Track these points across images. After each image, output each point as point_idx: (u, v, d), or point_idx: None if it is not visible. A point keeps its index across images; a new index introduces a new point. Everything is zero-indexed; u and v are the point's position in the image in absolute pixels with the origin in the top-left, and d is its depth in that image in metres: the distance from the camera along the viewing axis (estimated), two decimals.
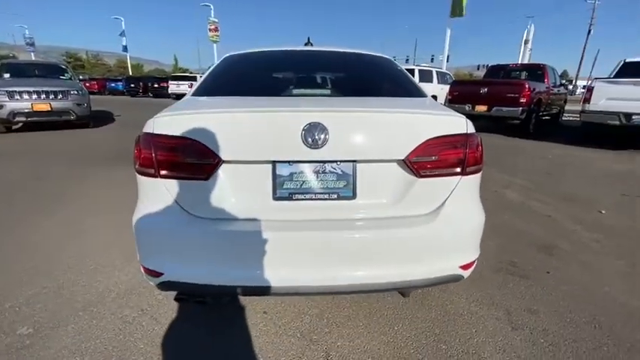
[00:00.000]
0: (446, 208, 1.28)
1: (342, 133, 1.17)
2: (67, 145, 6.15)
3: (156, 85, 24.84)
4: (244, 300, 1.78)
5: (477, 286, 1.92)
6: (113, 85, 28.43)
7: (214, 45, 26.14)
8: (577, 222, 2.92)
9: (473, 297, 1.84)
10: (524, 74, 9.44)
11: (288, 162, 1.20)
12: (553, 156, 5.88)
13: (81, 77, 20.36)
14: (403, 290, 1.63)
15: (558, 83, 9.99)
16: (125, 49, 35.78)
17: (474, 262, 1.37)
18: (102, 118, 9.87)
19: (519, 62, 16.69)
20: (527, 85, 7.56)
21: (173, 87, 21.79)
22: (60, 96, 7.20)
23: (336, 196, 1.23)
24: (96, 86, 28.59)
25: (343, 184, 1.23)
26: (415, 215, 1.27)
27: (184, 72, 35.32)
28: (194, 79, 21.89)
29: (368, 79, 1.93)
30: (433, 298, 1.81)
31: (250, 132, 1.18)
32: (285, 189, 1.22)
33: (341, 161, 1.21)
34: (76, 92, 7.49)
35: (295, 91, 1.70)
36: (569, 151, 6.41)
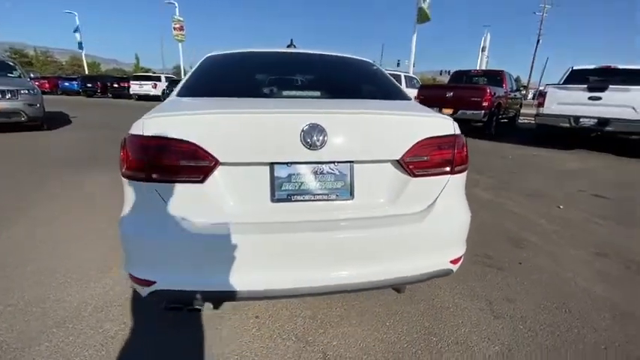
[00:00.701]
0: (437, 206, 1.34)
1: (340, 134, 1.19)
2: (20, 149, 5.63)
3: (116, 85, 23.41)
4: (234, 305, 1.74)
5: (458, 279, 2.02)
6: (67, 84, 26.40)
7: (180, 44, 25.20)
8: (541, 216, 3.17)
9: (456, 290, 1.93)
10: (484, 80, 10.06)
11: (287, 163, 1.20)
12: (514, 156, 6.31)
13: (32, 75, 18.75)
14: (398, 286, 1.68)
15: (515, 88, 10.76)
16: (80, 46, 33.32)
17: (462, 256, 1.44)
18: (57, 120, 9.15)
19: (478, 68, 17.73)
20: (488, 90, 8.08)
21: (135, 87, 20.68)
22: (8, 95, 6.57)
23: (334, 196, 1.24)
24: (47, 85, 26.39)
25: (341, 185, 1.24)
26: (409, 213, 1.31)
27: (146, 72, 33.56)
28: (158, 79, 20.96)
29: (354, 81, 1.97)
30: (420, 293, 1.87)
31: (248, 133, 1.16)
32: (283, 190, 1.21)
33: (338, 162, 1.23)
34: (26, 92, 6.87)
35: (284, 93, 1.69)
36: (527, 151, 6.91)
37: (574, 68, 8.03)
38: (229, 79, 1.81)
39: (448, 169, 1.34)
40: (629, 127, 6.19)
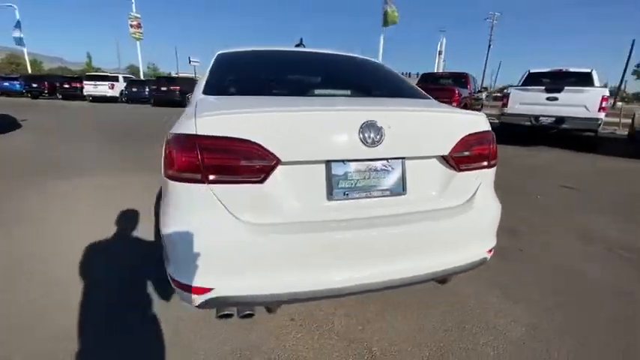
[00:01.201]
0: (477, 198, 1.41)
1: (394, 131, 1.21)
2: None
3: (66, 86, 21.50)
4: (264, 310, 1.69)
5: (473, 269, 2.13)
6: (7, 84, 23.79)
7: (137, 43, 23.82)
8: (524, 206, 3.43)
9: (472, 280, 2.03)
10: (451, 81, 10.64)
11: (343, 161, 1.20)
12: None
13: None
14: (444, 278, 1.71)
15: (477, 89, 11.51)
16: (20, 42, 30.23)
17: (494, 245, 1.53)
18: (3, 123, 8.24)
19: (441, 71, 18.69)
20: (456, 91, 8.56)
21: (89, 88, 19.20)
22: None
23: (389, 192, 1.26)
24: None
25: (394, 181, 1.27)
26: (454, 206, 1.37)
27: (96, 71, 31.19)
28: (115, 79, 19.65)
29: (376, 80, 2.01)
30: (444, 286, 1.94)
31: (307, 131, 1.15)
32: (340, 188, 1.21)
33: (392, 158, 1.25)
34: None
35: (317, 91, 1.68)
36: None
37: (531, 71, 8.75)
38: (257, 77, 1.76)
39: (485, 163, 1.42)
40: (582, 124, 6.90)
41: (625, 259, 2.38)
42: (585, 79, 7.65)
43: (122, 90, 18.64)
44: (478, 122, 1.41)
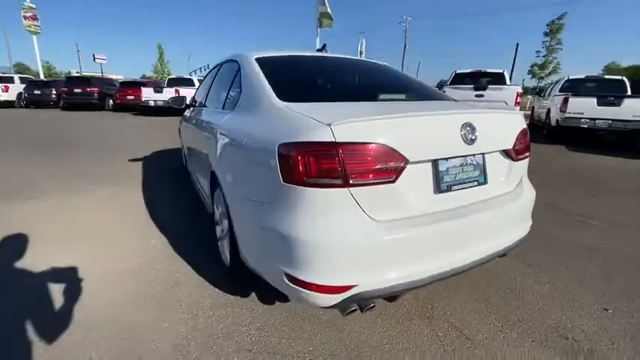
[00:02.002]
0: (523, 183, 1.72)
1: (482, 130, 1.42)
2: None
3: None
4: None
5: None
6: None
7: (34, 37, 20.16)
8: None
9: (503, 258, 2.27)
10: None
11: (446, 158, 1.37)
12: None
13: None
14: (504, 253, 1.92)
15: None
16: None
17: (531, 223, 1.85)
18: None
19: None
20: None
21: None
22: None
23: (476, 183, 1.47)
24: None
25: (478, 173, 1.48)
26: (511, 191, 1.64)
27: None
28: (10, 80, 16.35)
29: (412, 85, 2.20)
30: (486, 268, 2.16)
31: (424, 133, 1.29)
32: (444, 182, 1.37)
33: (478, 154, 1.46)
34: None
35: (382, 96, 1.80)
36: None
37: (457, 72, 10.03)
38: (320, 83, 1.81)
39: (528, 153, 1.73)
40: None
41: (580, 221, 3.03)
42: (500, 79, 9.10)
43: (20, 92, 15.64)
44: (522, 119, 1.71)
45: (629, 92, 8.34)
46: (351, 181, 1.16)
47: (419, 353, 1.48)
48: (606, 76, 9.43)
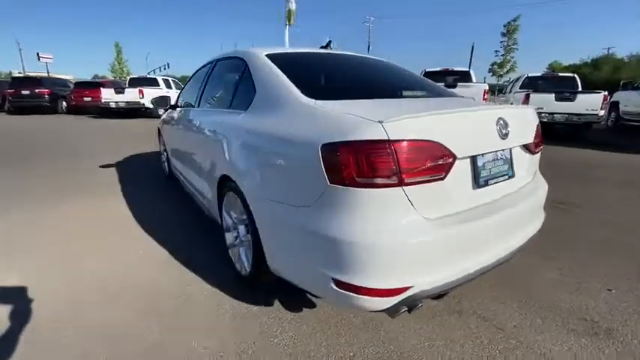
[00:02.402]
0: (537, 174, 1.79)
1: (512, 126, 1.45)
2: None
3: None
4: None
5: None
6: None
7: None
8: None
9: None
10: None
11: (483, 154, 1.38)
12: None
13: None
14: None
15: None
16: None
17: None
18: None
19: None
20: None
21: None
22: None
23: (506, 177, 1.50)
24: None
25: (507, 167, 1.52)
26: (530, 182, 1.70)
27: None
28: None
29: (422, 82, 2.21)
30: None
31: (466, 129, 1.29)
32: (482, 177, 1.39)
33: (506, 148, 1.50)
34: None
35: (405, 93, 1.78)
36: None
37: (426, 70, 10.40)
38: (343, 80, 1.75)
39: (542, 147, 1.80)
40: None
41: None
42: (466, 76, 9.58)
43: None
44: (536, 115, 1.78)
45: (579, 88, 9.12)
46: (405, 180, 1.13)
47: (458, 347, 1.49)
48: (560, 74, 10.23)
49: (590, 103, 7.39)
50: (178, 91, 3.58)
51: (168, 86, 13.94)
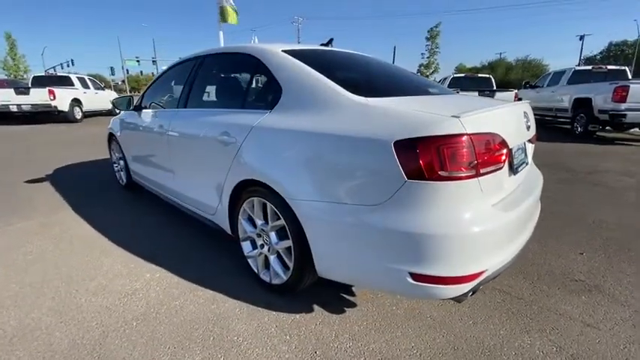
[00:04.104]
0: (531, 161, 2.06)
1: (530, 118, 1.65)
2: None
3: None
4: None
5: None
6: None
7: None
8: None
9: None
10: None
11: (517, 144, 1.54)
12: None
13: None
14: None
15: None
16: None
17: None
18: None
19: None
20: None
21: None
22: None
23: (524, 164, 1.69)
24: None
25: (524, 155, 1.71)
26: (533, 170, 1.95)
27: None
28: None
29: (425, 79, 2.32)
30: None
31: (511, 122, 1.44)
32: (515, 165, 1.55)
33: (525, 139, 1.69)
34: None
35: (430, 90, 1.86)
36: None
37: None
38: (370, 78, 1.75)
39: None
40: None
41: None
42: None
43: None
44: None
45: (494, 87, 10.60)
46: (480, 171, 1.21)
47: (497, 320, 1.65)
48: (479, 75, 11.73)
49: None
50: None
51: (85, 86, 12.19)
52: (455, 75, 11.09)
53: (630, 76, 8.87)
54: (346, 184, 1.36)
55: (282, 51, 1.81)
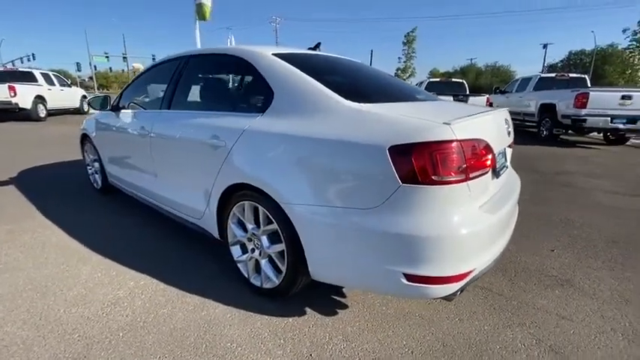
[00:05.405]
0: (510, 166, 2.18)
1: (510, 124, 1.75)
2: None
3: None
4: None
5: None
6: None
7: None
8: None
9: None
10: None
11: (499, 149, 1.63)
12: None
13: None
14: None
15: None
16: None
17: None
18: None
19: None
20: None
21: None
22: None
23: (505, 167, 1.79)
24: None
25: (505, 159, 1.80)
26: (511, 173, 2.06)
27: None
28: None
29: (407, 84, 2.38)
30: None
31: (494, 128, 1.52)
32: (497, 169, 1.62)
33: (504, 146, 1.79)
34: None
35: (419, 96, 1.92)
36: None
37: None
38: (360, 83, 1.78)
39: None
40: None
41: None
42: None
43: None
44: None
45: (467, 91, 11.06)
46: (470, 175, 1.28)
47: (481, 317, 1.73)
48: (453, 79, 12.19)
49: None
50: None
51: (50, 82, 11.49)
52: (430, 79, 11.45)
53: (589, 84, 9.55)
54: (341, 187, 1.38)
55: (273, 54, 1.81)
